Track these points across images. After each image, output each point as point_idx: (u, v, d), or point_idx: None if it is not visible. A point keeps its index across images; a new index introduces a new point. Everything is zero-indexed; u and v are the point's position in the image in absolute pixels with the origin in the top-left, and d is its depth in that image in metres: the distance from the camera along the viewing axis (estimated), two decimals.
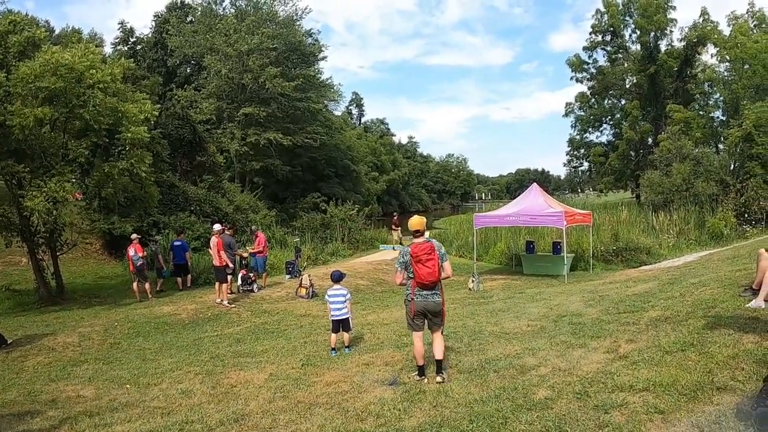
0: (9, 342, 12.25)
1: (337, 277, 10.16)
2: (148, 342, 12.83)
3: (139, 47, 56.35)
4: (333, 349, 9.83)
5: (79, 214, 21.31)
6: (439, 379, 7.17)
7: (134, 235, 18.86)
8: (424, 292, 7.27)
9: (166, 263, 20.98)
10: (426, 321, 7.42)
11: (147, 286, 18.39)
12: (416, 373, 7.49)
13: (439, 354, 7.33)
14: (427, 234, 7.54)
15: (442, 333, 7.51)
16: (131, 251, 18.27)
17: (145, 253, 19.07)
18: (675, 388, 5.45)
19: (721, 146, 44.56)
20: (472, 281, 18.20)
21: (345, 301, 9.89)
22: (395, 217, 36.05)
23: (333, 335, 9.94)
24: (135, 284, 18.41)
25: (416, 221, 7.49)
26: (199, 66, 53.42)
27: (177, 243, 20.60)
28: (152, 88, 30.21)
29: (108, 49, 53.25)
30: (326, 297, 10.18)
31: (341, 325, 9.93)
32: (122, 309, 16.61)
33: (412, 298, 7.29)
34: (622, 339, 7.77)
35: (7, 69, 16.59)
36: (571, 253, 22.19)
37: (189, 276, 20.64)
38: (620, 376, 6.16)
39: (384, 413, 6.26)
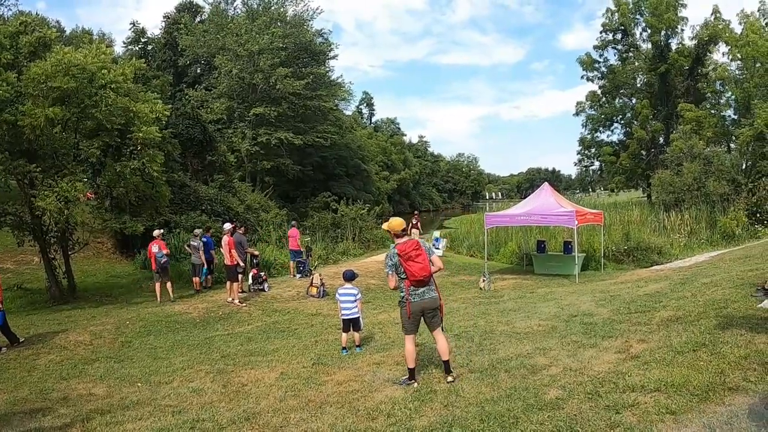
0: (21, 340, 12.31)
1: (349, 276, 10.12)
2: (159, 340, 12.88)
3: (150, 47, 56.60)
4: (344, 348, 9.84)
5: (91, 214, 21.33)
6: (450, 378, 7.11)
7: (157, 231, 18.29)
8: (420, 290, 7.14)
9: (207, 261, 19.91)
10: (424, 321, 7.30)
11: (169, 285, 17.58)
12: (406, 377, 7.37)
13: (445, 354, 7.23)
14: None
15: (443, 330, 7.39)
16: (155, 248, 17.44)
17: (168, 250, 18.34)
18: (686, 389, 5.43)
19: (732, 145, 44.27)
20: (483, 281, 18.20)
21: (356, 301, 9.88)
22: (416, 215, 31.20)
23: (344, 334, 9.95)
24: (158, 284, 17.58)
25: (399, 222, 7.42)
26: (210, 66, 53.57)
27: (204, 239, 19.99)
28: (163, 88, 30.36)
29: (119, 50, 53.58)
30: (337, 296, 10.18)
31: (351, 324, 9.93)
32: (133, 308, 16.68)
33: (408, 299, 7.15)
34: (633, 339, 7.75)
35: (19, 69, 16.67)
36: (582, 253, 22.14)
37: (210, 276, 20.02)
38: (632, 376, 6.14)
39: (395, 412, 6.26)
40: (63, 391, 8.63)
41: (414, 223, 28.26)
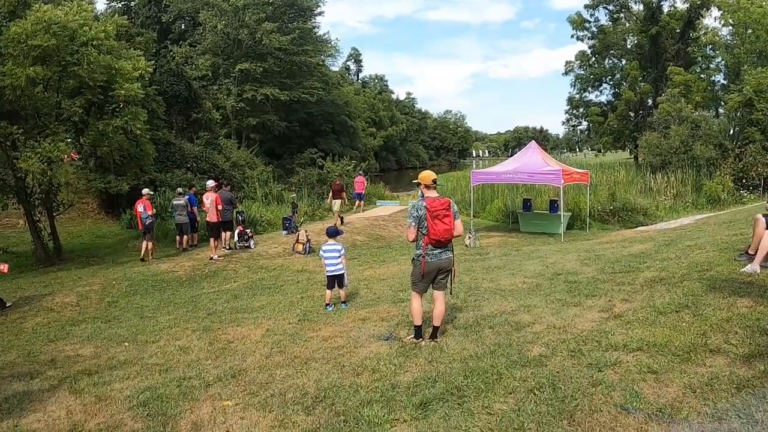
0: (8, 305, 12.30)
1: (332, 233, 10.18)
2: (146, 300, 12.90)
3: (133, 3, 55.46)
4: (328, 304, 9.86)
5: (75, 174, 21.21)
6: (433, 343, 6.96)
7: (145, 190, 18.13)
8: (437, 251, 6.88)
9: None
10: (433, 281, 7.07)
11: (150, 245, 17.48)
12: (412, 335, 7.23)
13: (437, 320, 7.10)
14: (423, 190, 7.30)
15: (450, 293, 7.31)
16: (140, 207, 17.43)
17: (154, 210, 18.27)
18: (668, 349, 5.49)
19: (721, 110, 44.31)
20: (469, 238, 18.27)
21: (339, 257, 9.85)
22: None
23: (328, 291, 9.96)
24: (144, 243, 17.56)
25: (429, 173, 7.09)
26: (194, 22, 52.77)
27: (187, 197, 19.65)
28: (147, 45, 29.75)
29: (101, 7, 52.49)
30: (321, 253, 10.18)
31: (336, 280, 9.92)
32: (120, 267, 16.66)
33: (424, 256, 6.89)
34: (617, 298, 7.81)
35: None
36: (567, 212, 22.26)
37: (195, 234, 19.89)
38: (614, 335, 6.20)
39: (380, 368, 6.31)
40: (50, 353, 8.61)
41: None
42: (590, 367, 5.42)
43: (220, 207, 16.74)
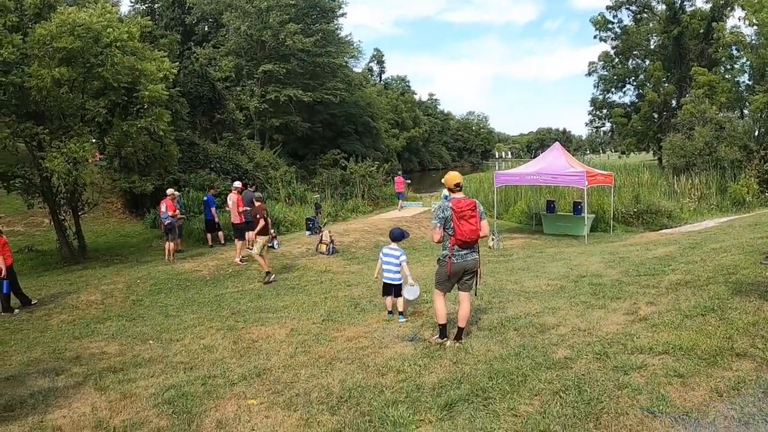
0: (33, 302, 12.46)
1: (397, 236, 8.88)
2: (170, 298, 13.00)
3: (156, 6, 55.95)
4: (390, 312, 8.94)
5: (100, 174, 21.43)
6: (457, 344, 6.95)
7: (170, 191, 18.20)
8: (463, 252, 6.86)
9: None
10: (458, 282, 7.04)
11: (171, 246, 17.40)
12: (437, 335, 7.22)
13: (462, 321, 7.06)
14: (446, 191, 7.27)
15: (475, 294, 7.26)
16: (162, 207, 17.63)
17: (177, 211, 18.14)
18: (695, 353, 5.47)
19: (746, 111, 43.69)
20: (493, 239, 18.21)
21: (399, 263, 8.68)
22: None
23: (387, 298, 8.97)
24: (166, 244, 17.47)
25: (455, 176, 7.11)
26: (218, 23, 53.15)
27: (205, 198, 20.13)
28: (170, 46, 29.99)
29: (125, 9, 53.11)
30: (381, 255, 9.01)
31: (393, 289, 8.82)
32: (144, 266, 16.79)
33: (450, 257, 6.86)
34: (642, 301, 7.78)
35: (24, 31, 16.52)
36: (591, 214, 22.10)
37: (221, 232, 20.07)
38: (640, 338, 6.18)
39: (404, 369, 6.32)
40: (75, 350, 8.71)
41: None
42: (616, 370, 5.40)
43: (241, 208, 16.83)
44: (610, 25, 57.02)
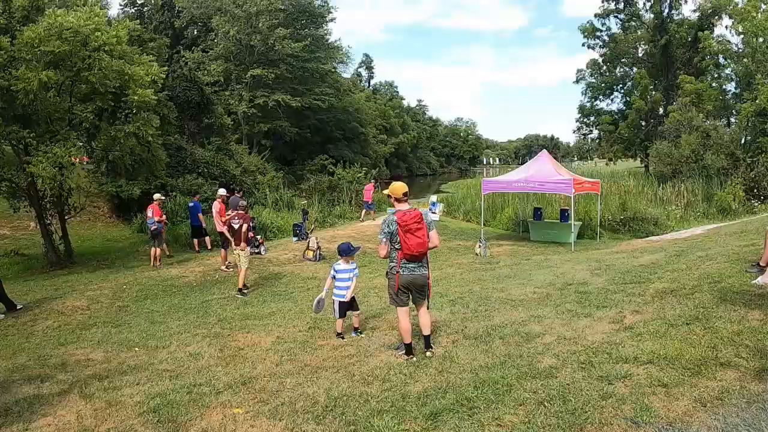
0: (19, 307, 12.30)
1: (345, 249, 8.52)
2: (156, 305, 12.89)
3: (146, 9, 55.87)
4: (339, 334, 8.43)
5: (87, 178, 21.27)
6: (429, 353, 6.97)
7: (156, 195, 18.09)
8: (411, 265, 6.80)
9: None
10: (410, 296, 6.99)
11: (156, 252, 17.32)
12: (403, 351, 7.08)
13: (426, 329, 7.04)
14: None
15: (428, 308, 7.16)
16: (149, 212, 17.56)
17: (163, 216, 18.09)
18: (679, 362, 5.49)
19: (733, 120, 44.04)
20: (479, 246, 18.24)
21: (351, 279, 8.40)
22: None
23: (339, 320, 8.46)
24: (152, 250, 17.41)
25: (400, 185, 6.93)
26: (207, 28, 53.07)
27: (190, 204, 20.21)
28: (159, 50, 29.88)
29: (114, 12, 52.91)
30: (332, 273, 8.50)
31: (348, 306, 8.41)
32: (130, 272, 16.70)
33: (398, 271, 6.79)
34: (627, 310, 7.81)
35: (12, 34, 16.39)
36: (578, 221, 22.18)
37: (208, 237, 20.07)
38: (625, 347, 6.20)
39: (390, 378, 6.33)
40: (61, 356, 8.66)
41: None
42: (601, 379, 5.43)
43: (224, 218, 16.64)
44: (598, 33, 57.29)
